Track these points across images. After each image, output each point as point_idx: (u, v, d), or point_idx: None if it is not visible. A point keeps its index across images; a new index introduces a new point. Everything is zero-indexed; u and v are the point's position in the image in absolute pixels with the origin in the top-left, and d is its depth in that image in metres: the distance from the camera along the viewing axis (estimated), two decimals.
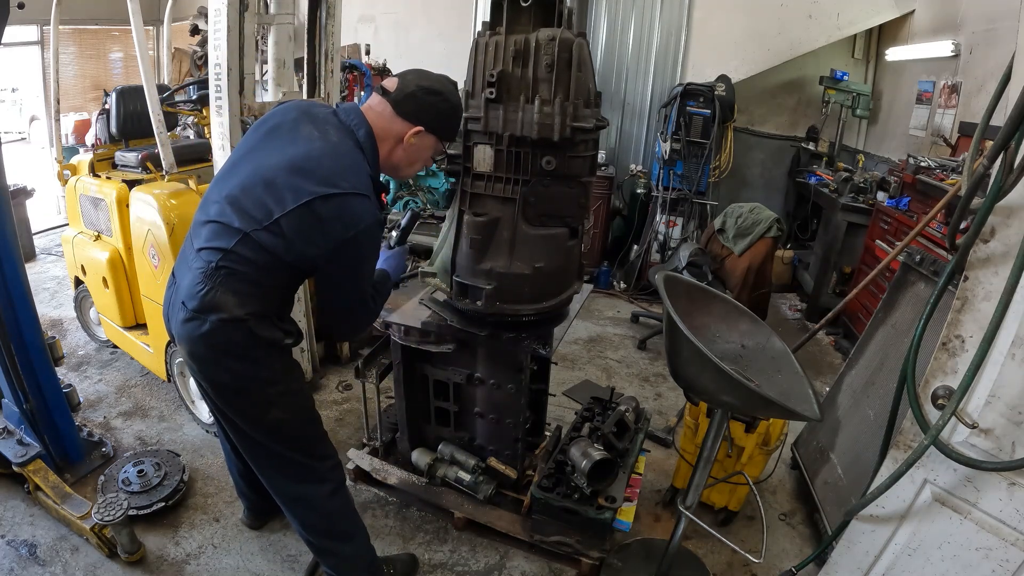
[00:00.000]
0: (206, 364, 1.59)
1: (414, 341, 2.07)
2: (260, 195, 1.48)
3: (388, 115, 1.61)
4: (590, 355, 3.84)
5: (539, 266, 1.89)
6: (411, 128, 1.61)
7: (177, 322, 1.58)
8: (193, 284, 1.52)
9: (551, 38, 1.69)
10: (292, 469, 1.75)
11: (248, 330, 1.54)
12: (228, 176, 1.59)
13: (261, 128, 1.64)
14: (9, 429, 2.34)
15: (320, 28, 2.70)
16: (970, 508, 1.34)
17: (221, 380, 1.60)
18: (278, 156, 1.52)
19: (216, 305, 1.51)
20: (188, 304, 1.54)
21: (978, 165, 1.25)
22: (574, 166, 1.85)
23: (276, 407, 1.65)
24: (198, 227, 1.59)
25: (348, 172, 1.51)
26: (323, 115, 1.62)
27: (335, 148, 1.54)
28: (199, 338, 1.53)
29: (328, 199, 1.45)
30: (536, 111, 1.71)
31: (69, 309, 3.77)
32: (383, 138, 1.62)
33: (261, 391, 1.62)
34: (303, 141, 1.53)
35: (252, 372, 1.60)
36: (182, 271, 1.62)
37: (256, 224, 1.47)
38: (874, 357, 2.46)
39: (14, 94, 9.52)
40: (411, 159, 1.69)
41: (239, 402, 1.64)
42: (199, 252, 1.54)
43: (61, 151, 3.41)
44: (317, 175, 1.47)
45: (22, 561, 2.04)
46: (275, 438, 1.70)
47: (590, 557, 2.06)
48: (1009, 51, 1.28)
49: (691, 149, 4.59)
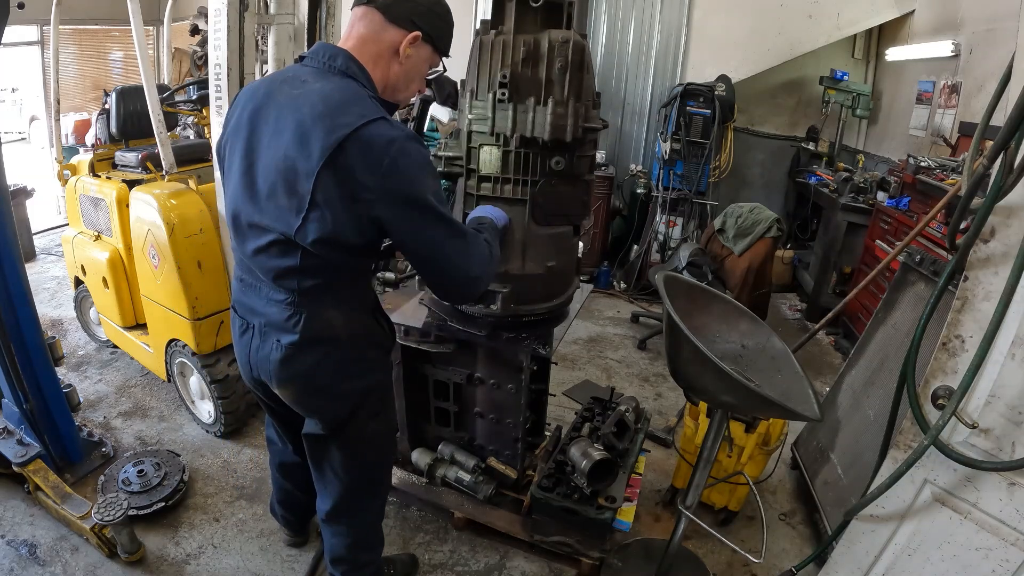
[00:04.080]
0: (322, 398, 1.48)
1: (414, 341, 2.07)
2: (284, 187, 1.31)
3: (378, 24, 1.38)
4: (590, 355, 3.84)
5: (551, 265, 1.92)
6: (407, 35, 1.39)
7: (274, 364, 1.44)
8: (284, 318, 1.40)
9: (564, 40, 1.70)
10: (367, 483, 1.69)
11: (362, 335, 1.45)
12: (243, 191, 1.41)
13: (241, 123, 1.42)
14: (9, 429, 2.34)
15: (320, 28, 2.70)
16: (970, 508, 1.34)
17: (337, 410, 1.50)
18: (278, 141, 1.33)
19: (323, 325, 1.40)
20: (285, 340, 1.40)
21: (978, 165, 1.25)
22: (580, 165, 1.88)
23: (375, 420, 1.57)
24: (252, 258, 1.42)
25: (348, 104, 1.29)
26: (292, 72, 1.43)
27: (321, 93, 1.31)
28: (310, 372, 1.42)
29: (344, 143, 1.24)
30: (550, 112, 1.72)
31: (69, 309, 3.77)
32: (375, 56, 1.40)
33: (370, 406, 1.54)
34: (289, 109, 1.32)
35: (366, 385, 1.51)
36: (253, 310, 1.47)
37: (296, 215, 1.29)
38: (874, 357, 2.46)
39: (14, 94, 9.52)
40: (409, 75, 1.46)
41: (349, 426, 1.54)
42: (274, 282, 1.39)
43: (61, 151, 3.40)
44: (320, 130, 1.26)
45: (22, 561, 2.04)
46: (365, 453, 1.62)
47: (590, 557, 2.05)
48: (1009, 51, 1.28)
49: (691, 149, 4.59)
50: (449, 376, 2.16)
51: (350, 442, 1.59)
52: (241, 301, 1.53)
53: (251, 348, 1.50)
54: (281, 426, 1.85)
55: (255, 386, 1.62)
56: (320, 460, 1.64)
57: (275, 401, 1.60)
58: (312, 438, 1.59)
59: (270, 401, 1.66)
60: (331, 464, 1.63)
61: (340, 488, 1.66)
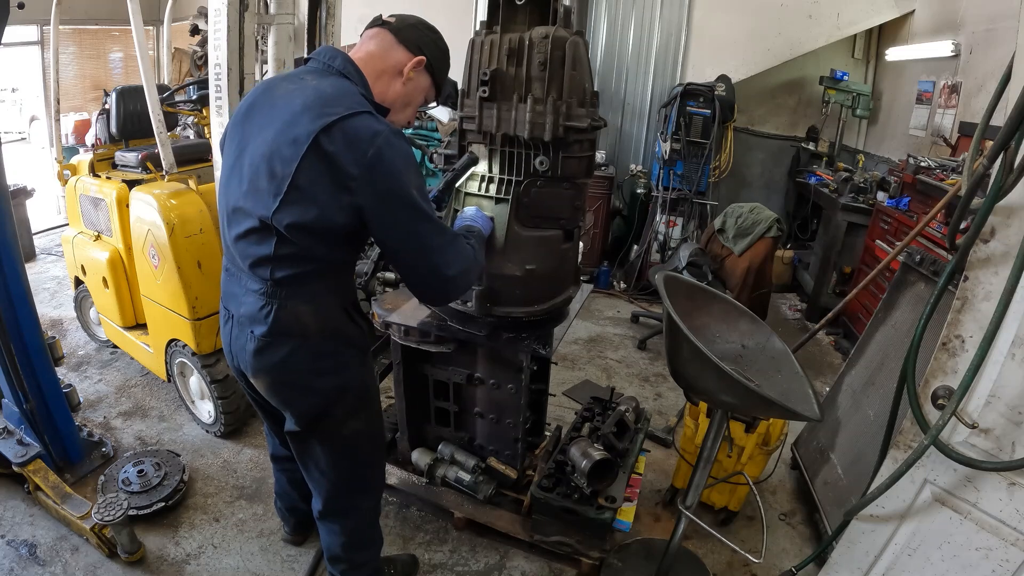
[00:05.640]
0: (294, 391, 1.49)
1: (414, 341, 2.07)
2: (266, 171, 1.32)
3: (387, 43, 1.46)
4: (590, 355, 3.84)
5: (531, 268, 1.88)
6: (413, 58, 1.46)
7: (249, 355, 1.46)
8: (257, 308, 1.41)
9: (544, 36, 1.68)
10: (355, 481, 1.70)
11: (334, 333, 1.44)
12: (232, 179, 1.45)
13: (238, 116, 1.48)
14: (9, 429, 2.34)
15: (320, 28, 2.70)
16: (970, 508, 1.34)
17: (309, 405, 1.51)
18: (267, 130, 1.35)
19: (293, 319, 1.40)
20: (258, 331, 1.41)
21: (978, 165, 1.25)
22: (569, 167, 1.83)
23: (355, 418, 1.57)
24: (234, 244, 1.45)
25: (339, 98, 1.33)
26: (294, 72, 1.49)
27: (316, 88, 1.36)
28: (282, 364, 1.43)
29: (328, 130, 1.26)
30: (528, 110, 1.70)
31: (69, 309, 3.77)
32: (379, 72, 1.46)
33: (345, 404, 1.54)
34: (282, 101, 1.36)
35: (340, 383, 1.51)
36: (234, 300, 1.49)
37: (274, 199, 1.30)
38: (874, 357, 2.46)
39: (14, 94, 9.53)
40: (408, 98, 1.52)
41: (325, 423, 1.54)
42: (251, 270, 1.41)
43: (61, 151, 3.41)
44: (307, 117, 1.29)
45: (22, 561, 2.04)
46: (348, 452, 1.62)
47: (590, 557, 2.06)
48: (1009, 51, 1.28)
49: (691, 149, 4.59)
50: (449, 376, 2.16)
51: (331, 440, 1.60)
52: (225, 290, 1.55)
53: (231, 338, 1.52)
54: (266, 417, 1.85)
55: (239, 376, 1.64)
56: (304, 458, 1.66)
57: (256, 392, 1.62)
58: (292, 435, 1.60)
59: (251, 391, 1.67)
60: (315, 462, 1.64)
61: (328, 486, 1.68)
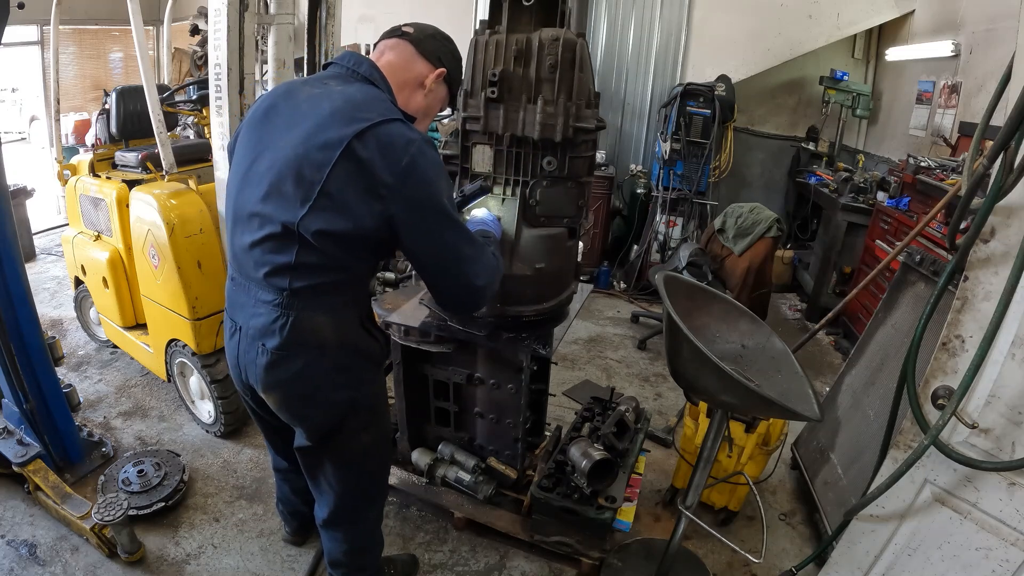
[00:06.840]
0: (307, 405, 1.45)
1: (414, 341, 2.07)
2: (293, 176, 1.27)
3: (409, 55, 1.45)
4: (590, 355, 3.84)
5: (540, 267, 1.89)
6: (434, 70, 1.47)
7: (260, 369, 1.40)
8: (270, 320, 1.35)
9: (555, 38, 1.69)
10: (362, 493, 1.68)
11: (352, 346, 1.41)
12: (247, 183, 1.38)
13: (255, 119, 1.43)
14: (9, 429, 2.34)
15: (320, 28, 2.70)
16: (970, 508, 1.34)
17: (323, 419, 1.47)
18: (291, 134, 1.31)
19: (309, 330, 1.35)
20: (270, 344, 1.36)
21: (978, 165, 1.25)
22: (574, 166, 1.85)
23: (366, 432, 1.55)
24: (246, 252, 1.38)
25: (370, 104, 1.32)
26: (316, 76, 1.47)
27: (343, 93, 1.34)
28: (296, 377, 1.38)
29: (363, 136, 1.24)
30: (539, 111, 1.71)
31: (69, 309, 3.77)
32: (402, 83, 1.45)
33: (359, 418, 1.51)
34: (307, 105, 1.33)
35: (356, 397, 1.47)
36: (242, 311, 1.43)
37: (302, 205, 1.26)
38: (874, 357, 2.46)
39: (14, 94, 9.53)
40: (428, 108, 1.52)
41: (337, 437, 1.51)
42: (265, 279, 1.35)
43: (61, 151, 3.40)
44: (339, 122, 1.27)
45: (22, 561, 2.04)
46: (357, 466, 1.60)
47: (590, 557, 2.05)
48: (1009, 51, 1.28)
49: (691, 149, 4.59)
50: (449, 376, 2.16)
51: (341, 454, 1.57)
52: (231, 301, 1.50)
53: (239, 351, 1.47)
54: (269, 433, 1.82)
55: (244, 390, 1.60)
56: (314, 471, 1.63)
57: (263, 407, 1.58)
58: (302, 451, 1.56)
59: (258, 407, 1.64)
60: (324, 476, 1.61)
61: (335, 498, 1.65)
